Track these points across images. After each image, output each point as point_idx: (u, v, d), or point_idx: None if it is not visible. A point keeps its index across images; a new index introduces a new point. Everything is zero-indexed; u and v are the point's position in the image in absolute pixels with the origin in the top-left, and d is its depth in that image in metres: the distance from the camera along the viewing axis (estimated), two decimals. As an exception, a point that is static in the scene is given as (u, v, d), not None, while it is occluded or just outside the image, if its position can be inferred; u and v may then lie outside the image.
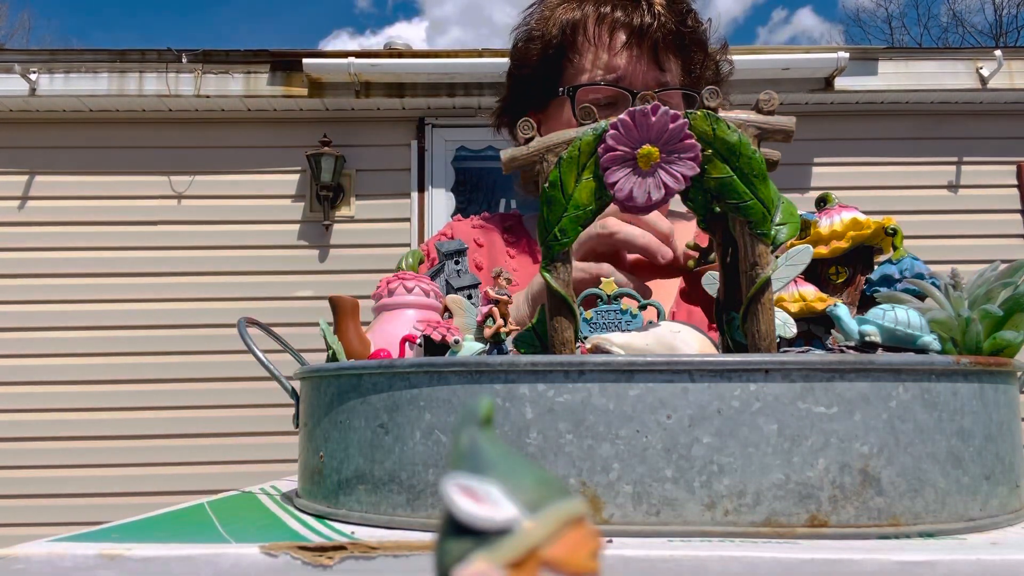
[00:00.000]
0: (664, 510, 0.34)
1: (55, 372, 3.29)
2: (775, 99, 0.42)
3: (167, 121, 3.48)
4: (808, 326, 0.48)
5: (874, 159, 3.53)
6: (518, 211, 1.09)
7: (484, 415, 0.16)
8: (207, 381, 3.28)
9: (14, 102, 3.32)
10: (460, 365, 0.37)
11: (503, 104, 1.00)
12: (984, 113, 3.54)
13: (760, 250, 0.40)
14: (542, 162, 0.43)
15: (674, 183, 0.40)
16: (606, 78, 0.87)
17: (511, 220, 1.05)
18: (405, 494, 0.38)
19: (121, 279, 3.37)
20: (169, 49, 3.35)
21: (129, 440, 3.27)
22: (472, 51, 3.28)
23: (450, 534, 0.15)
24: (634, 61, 0.87)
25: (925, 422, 0.36)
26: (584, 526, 0.15)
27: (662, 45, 0.87)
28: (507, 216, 1.06)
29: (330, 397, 0.42)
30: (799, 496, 0.34)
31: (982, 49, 3.61)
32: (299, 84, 3.33)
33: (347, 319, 0.50)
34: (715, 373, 0.35)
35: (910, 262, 0.48)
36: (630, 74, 0.87)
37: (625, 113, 0.41)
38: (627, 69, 0.87)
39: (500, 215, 1.07)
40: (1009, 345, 0.40)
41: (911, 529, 0.35)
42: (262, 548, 0.32)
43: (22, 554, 0.32)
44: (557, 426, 0.35)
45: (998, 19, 13.61)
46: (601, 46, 0.88)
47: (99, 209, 3.42)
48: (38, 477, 3.23)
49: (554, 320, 0.43)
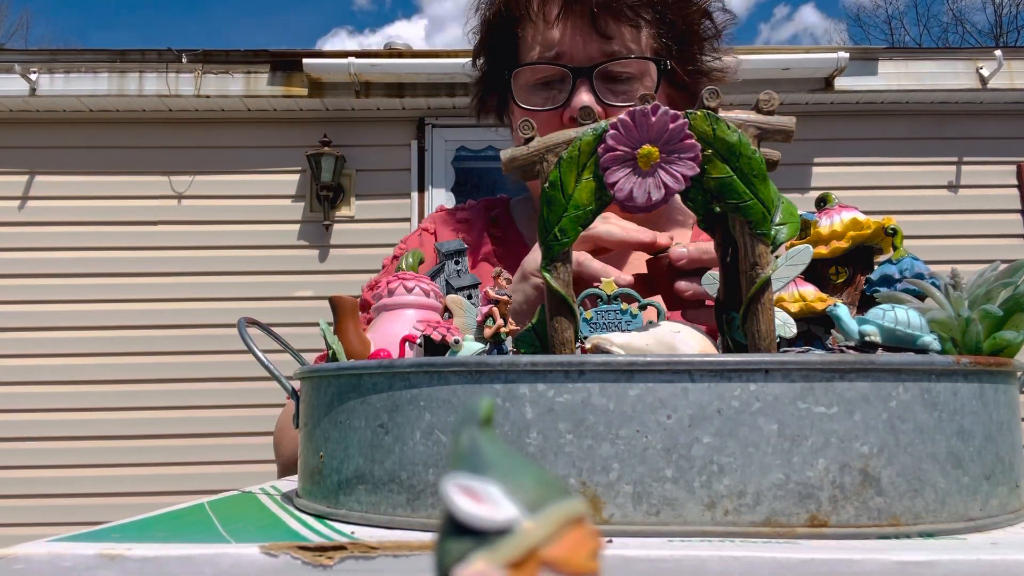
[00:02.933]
0: (664, 510, 0.34)
1: (55, 372, 3.29)
2: (775, 99, 0.42)
3: (167, 121, 3.48)
4: (808, 326, 0.48)
5: (874, 159, 3.53)
6: (506, 196, 1.04)
7: (484, 415, 0.16)
8: (207, 381, 3.28)
9: (14, 102, 3.32)
10: (460, 365, 0.37)
11: (477, 95, 0.96)
12: (984, 113, 3.54)
13: (760, 250, 0.40)
14: (542, 162, 0.43)
15: (674, 183, 0.40)
16: (545, 55, 0.82)
17: (498, 208, 1.00)
18: (405, 494, 0.38)
19: (121, 279, 3.37)
20: (169, 49, 3.35)
21: (129, 440, 3.27)
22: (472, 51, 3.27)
23: (450, 534, 0.15)
24: (571, 33, 0.80)
25: (925, 422, 0.36)
26: (584, 526, 0.15)
27: (601, 11, 0.79)
28: (494, 203, 1.02)
29: (330, 397, 0.42)
30: (799, 496, 0.34)
31: (982, 49, 3.61)
32: (299, 84, 3.34)
33: (347, 319, 0.50)
34: (715, 373, 0.35)
35: (910, 262, 0.48)
36: (569, 48, 0.80)
37: (625, 113, 0.41)
38: (564, 43, 0.80)
39: (486, 202, 1.02)
40: (1009, 345, 0.40)
41: (911, 529, 0.35)
42: (262, 548, 0.32)
43: (22, 554, 0.32)
44: (557, 426, 0.35)
45: (998, 19, 13.61)
46: (539, 20, 0.82)
47: (99, 209, 3.42)
48: (38, 477, 3.23)
49: (554, 320, 0.43)
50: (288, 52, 3.38)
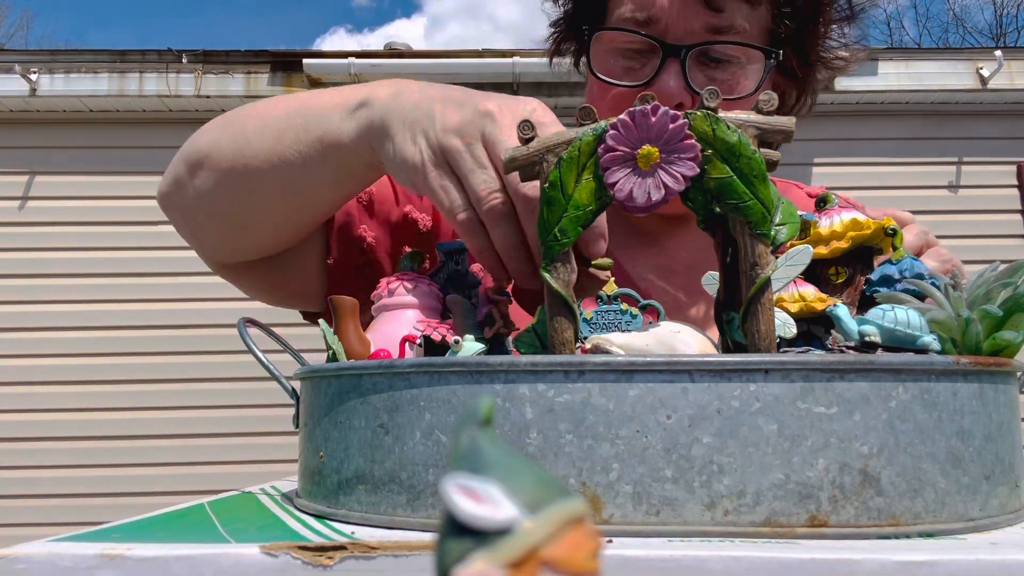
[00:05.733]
0: (664, 510, 0.34)
1: (55, 372, 3.29)
2: (775, 99, 0.42)
3: (167, 121, 3.48)
4: (808, 326, 0.48)
5: (874, 159, 3.53)
6: None
7: (484, 415, 0.16)
8: (207, 381, 3.28)
9: (14, 102, 3.33)
10: (460, 365, 0.37)
11: (555, 38, 0.82)
12: (984, 113, 3.54)
13: (760, 250, 0.41)
14: (542, 162, 0.43)
15: (674, 183, 0.40)
16: (637, 17, 0.68)
17: None
18: (405, 494, 0.38)
19: (121, 279, 3.37)
20: (169, 49, 3.35)
21: (129, 440, 3.27)
22: (472, 51, 3.28)
23: (450, 534, 0.15)
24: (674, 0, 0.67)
25: (925, 422, 0.36)
26: (584, 526, 0.15)
27: None
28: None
29: (330, 397, 0.42)
30: (799, 496, 0.34)
31: (982, 49, 3.61)
32: (299, 84, 3.34)
33: (347, 319, 0.50)
34: (715, 373, 0.35)
35: (910, 262, 0.48)
36: (666, 14, 0.67)
37: (625, 113, 0.41)
38: (663, 6, 0.67)
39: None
40: (1009, 345, 0.40)
41: (911, 529, 0.35)
42: (262, 548, 0.32)
43: (22, 554, 0.32)
44: (557, 426, 0.35)
45: (998, 19, 13.61)
46: None
47: (99, 209, 3.42)
48: (38, 477, 3.23)
49: (554, 320, 0.43)
50: (288, 52, 3.38)
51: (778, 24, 0.70)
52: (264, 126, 0.63)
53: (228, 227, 0.71)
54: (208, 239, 0.74)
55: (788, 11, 0.69)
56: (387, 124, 0.54)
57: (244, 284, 0.79)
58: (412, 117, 0.53)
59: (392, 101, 0.55)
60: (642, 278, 0.79)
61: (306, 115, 0.61)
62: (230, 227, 0.71)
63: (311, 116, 0.61)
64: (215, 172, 0.67)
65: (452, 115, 0.51)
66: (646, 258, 0.81)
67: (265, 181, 0.64)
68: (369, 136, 0.56)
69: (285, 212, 0.67)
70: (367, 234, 0.76)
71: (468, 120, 0.50)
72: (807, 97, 0.82)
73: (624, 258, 0.80)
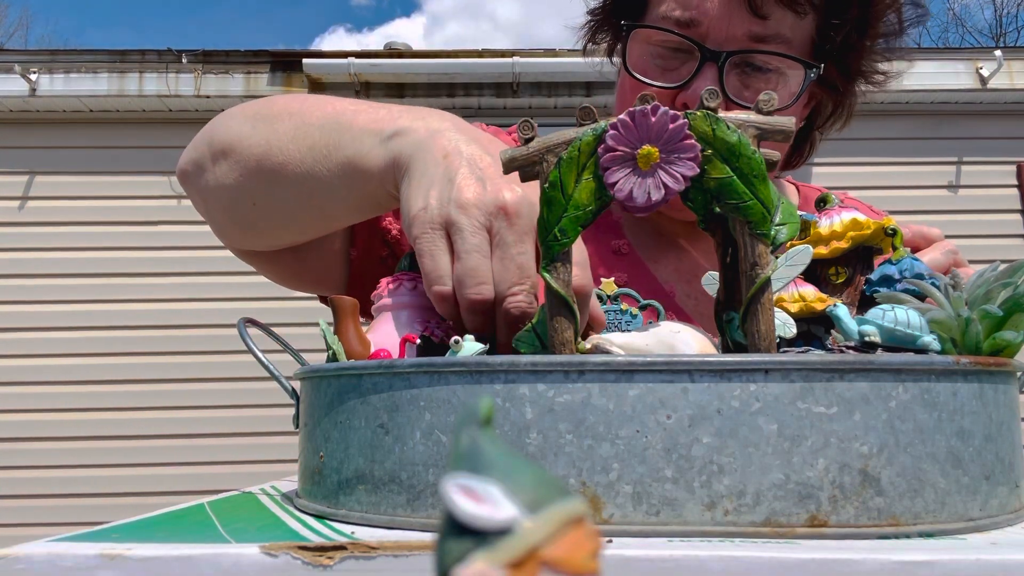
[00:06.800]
0: (664, 510, 0.34)
1: (55, 372, 3.29)
2: (775, 99, 0.42)
3: (167, 121, 3.48)
4: (808, 326, 0.48)
5: (874, 159, 3.53)
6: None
7: (484, 415, 0.16)
8: (207, 381, 3.28)
9: (14, 102, 3.33)
10: (460, 365, 0.37)
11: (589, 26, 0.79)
12: (984, 113, 3.54)
13: (760, 250, 0.41)
14: (542, 162, 0.43)
15: (674, 183, 0.40)
16: (680, 17, 0.67)
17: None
18: (405, 494, 0.38)
19: (121, 279, 3.37)
20: (169, 49, 3.35)
21: (129, 440, 3.27)
22: (472, 51, 3.28)
23: (450, 534, 0.15)
24: (719, 2, 0.65)
25: (925, 422, 0.36)
26: (584, 526, 0.15)
27: None
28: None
29: (330, 397, 0.42)
30: (799, 496, 0.34)
31: (982, 49, 3.61)
32: (299, 84, 3.34)
33: (347, 319, 0.50)
34: (715, 373, 0.35)
35: (910, 262, 0.48)
36: (708, 16, 0.65)
37: (625, 113, 0.41)
38: (705, 7, 0.65)
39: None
40: (1009, 345, 0.40)
41: (911, 529, 0.35)
42: (262, 548, 0.32)
43: (22, 554, 0.32)
44: (557, 426, 0.35)
45: (998, 19, 13.61)
46: None
47: (99, 209, 3.42)
48: (38, 477, 3.23)
49: (554, 320, 0.43)
50: (288, 52, 3.38)
51: (823, 36, 0.68)
52: (297, 133, 0.61)
53: (239, 223, 0.71)
54: (220, 227, 0.74)
55: (836, 23, 0.67)
56: (411, 165, 0.53)
57: (261, 269, 0.79)
58: (433, 172, 0.51)
59: (426, 140, 0.53)
60: (666, 281, 0.80)
61: (340, 132, 0.59)
62: (240, 224, 0.70)
63: (345, 134, 0.59)
64: (237, 167, 0.65)
65: (469, 190, 0.49)
66: (668, 261, 0.81)
67: (287, 189, 0.63)
68: (395, 169, 0.55)
69: (300, 221, 0.66)
70: (392, 226, 0.76)
71: (482, 203, 0.49)
72: (843, 110, 0.80)
73: (649, 260, 0.80)
